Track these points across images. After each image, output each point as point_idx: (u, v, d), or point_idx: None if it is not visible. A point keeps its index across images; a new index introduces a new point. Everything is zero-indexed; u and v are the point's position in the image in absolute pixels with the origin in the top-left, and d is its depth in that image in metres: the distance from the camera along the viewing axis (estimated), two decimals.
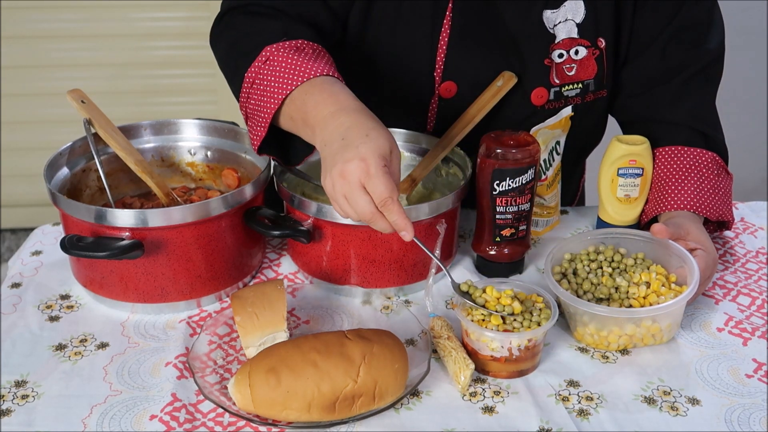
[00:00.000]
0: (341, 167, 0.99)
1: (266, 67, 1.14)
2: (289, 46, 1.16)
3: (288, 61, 1.13)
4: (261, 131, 1.15)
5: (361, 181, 0.99)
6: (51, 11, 2.91)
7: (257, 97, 1.15)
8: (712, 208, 1.27)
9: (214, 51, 1.28)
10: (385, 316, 1.17)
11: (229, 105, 2.98)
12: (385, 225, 1.01)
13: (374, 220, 1.01)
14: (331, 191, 1.02)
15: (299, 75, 1.11)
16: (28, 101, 3.02)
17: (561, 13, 1.29)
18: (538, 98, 1.32)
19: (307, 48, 1.16)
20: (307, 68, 1.11)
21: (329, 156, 1.03)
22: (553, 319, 1.05)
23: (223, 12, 1.28)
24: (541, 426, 0.99)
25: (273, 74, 1.13)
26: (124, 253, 1.09)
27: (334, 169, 1.00)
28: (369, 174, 0.98)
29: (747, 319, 1.18)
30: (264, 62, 1.15)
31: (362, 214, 1.00)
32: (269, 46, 1.16)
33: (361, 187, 0.99)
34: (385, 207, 0.99)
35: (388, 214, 1.00)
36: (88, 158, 1.29)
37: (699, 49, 1.34)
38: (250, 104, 1.17)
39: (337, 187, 1.00)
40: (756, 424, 1.00)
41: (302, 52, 1.15)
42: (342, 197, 1.01)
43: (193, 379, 1.03)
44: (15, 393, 1.04)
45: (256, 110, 1.16)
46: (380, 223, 1.01)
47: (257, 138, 1.16)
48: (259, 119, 1.15)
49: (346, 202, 1.01)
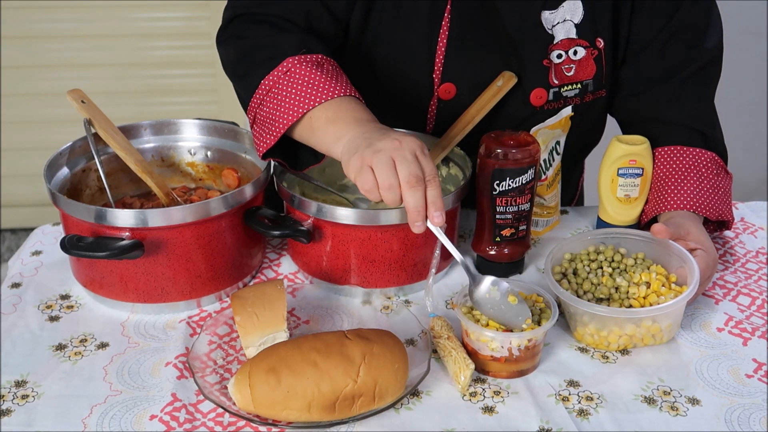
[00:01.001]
0: (398, 136, 1.03)
1: (286, 78, 1.15)
2: (310, 60, 1.16)
3: (311, 76, 1.14)
4: (270, 140, 1.15)
5: (416, 151, 1.02)
6: (51, 11, 2.91)
7: (272, 106, 1.15)
8: (712, 208, 1.27)
9: (221, 54, 1.27)
10: (385, 316, 1.17)
11: (229, 105, 3.00)
12: (420, 199, 1.01)
13: (416, 186, 1.00)
14: (372, 156, 1.01)
15: (323, 92, 1.12)
16: (28, 101, 3.02)
17: (559, 13, 1.29)
18: (537, 99, 1.32)
19: (326, 64, 1.17)
20: (331, 86, 1.13)
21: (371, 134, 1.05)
22: (553, 319, 1.05)
23: (229, 18, 1.27)
24: (541, 426, 0.99)
25: (294, 87, 1.14)
26: (124, 253, 1.09)
27: (385, 138, 1.03)
28: (423, 151, 1.04)
29: (747, 319, 1.18)
30: (284, 73, 1.15)
31: (410, 175, 1.00)
32: (291, 57, 1.16)
33: (414, 155, 1.02)
34: (432, 181, 1.02)
35: (431, 188, 1.02)
36: (88, 158, 1.29)
37: (697, 48, 1.34)
38: (262, 111, 1.17)
39: (387, 150, 1.01)
40: (756, 424, 1.00)
41: (323, 68, 1.16)
42: (388, 161, 1.01)
43: (193, 379, 1.03)
44: (15, 393, 1.04)
45: (269, 118, 1.16)
46: (417, 194, 1.01)
47: (264, 145, 1.17)
48: (271, 127, 1.15)
49: (390, 167, 1.00)
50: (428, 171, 1.02)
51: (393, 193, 1.01)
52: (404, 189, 1.01)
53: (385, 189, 1.01)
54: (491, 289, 1.08)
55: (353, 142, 1.06)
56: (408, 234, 1.18)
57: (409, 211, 1.02)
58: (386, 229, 1.17)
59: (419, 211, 1.01)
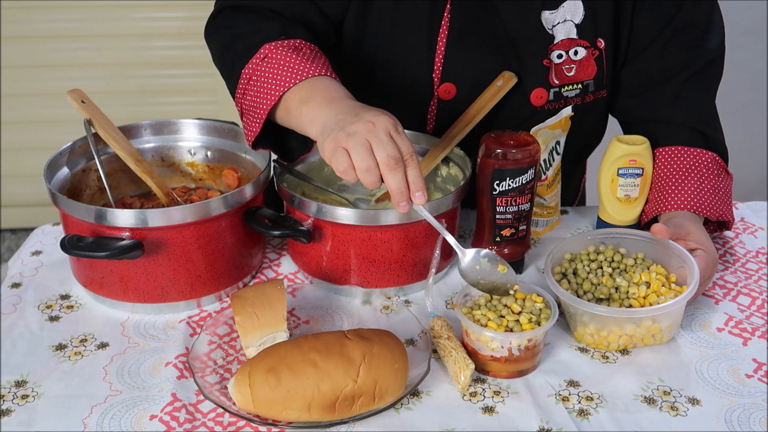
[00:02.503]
0: (371, 117, 1.01)
1: (264, 65, 1.15)
2: (287, 45, 1.16)
3: (286, 59, 1.14)
4: (256, 127, 1.16)
5: (390, 131, 1.01)
6: (51, 11, 2.91)
7: (253, 94, 1.16)
8: (712, 208, 1.27)
9: (210, 48, 1.29)
10: (385, 316, 1.17)
11: (229, 105, 2.98)
12: (401, 180, 1.01)
13: (396, 168, 1.00)
14: (347, 139, 1.00)
15: (297, 73, 1.12)
16: (28, 101, 3.02)
17: (560, 13, 1.29)
18: (537, 99, 1.32)
19: (305, 48, 1.17)
20: (305, 67, 1.12)
21: (344, 116, 1.03)
22: (553, 319, 1.05)
23: (217, 10, 1.28)
24: (541, 426, 0.99)
25: (270, 72, 1.14)
26: (124, 253, 1.09)
27: (358, 121, 1.01)
28: (397, 129, 1.02)
29: (747, 319, 1.18)
30: (262, 60, 1.15)
31: (389, 157, 0.99)
32: (267, 43, 1.16)
33: (389, 135, 1.01)
34: (410, 160, 1.01)
35: (410, 169, 1.01)
36: (88, 158, 1.29)
37: (699, 49, 1.34)
38: (246, 100, 1.18)
39: (362, 133, 1.00)
40: (756, 424, 1.00)
41: (300, 52, 1.15)
42: (363, 143, 1.00)
43: (193, 379, 1.03)
44: (15, 393, 1.04)
45: (252, 106, 1.16)
46: (398, 175, 1.00)
47: (252, 133, 1.17)
48: (254, 115, 1.16)
49: (366, 150, 1.00)
50: (405, 150, 1.01)
51: (372, 174, 1.00)
52: (384, 172, 1.00)
53: (363, 171, 1.00)
54: (482, 261, 1.09)
55: (327, 124, 1.05)
56: (408, 234, 1.18)
57: (392, 192, 1.02)
58: (386, 229, 1.17)
59: (402, 192, 1.01)
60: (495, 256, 1.10)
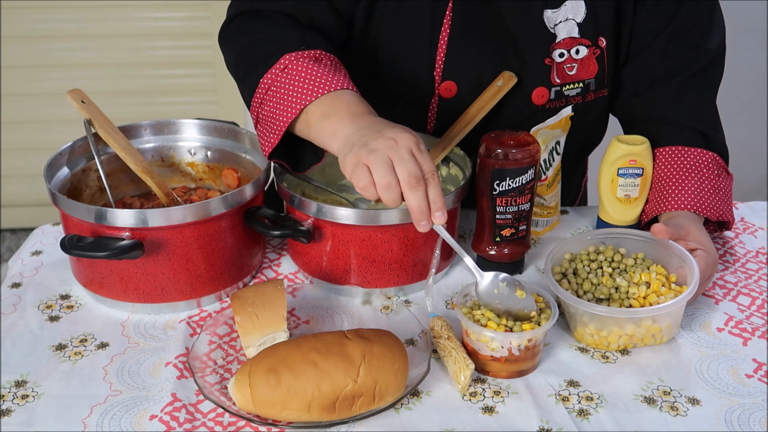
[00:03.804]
0: (393, 134, 1.01)
1: (284, 75, 1.14)
2: (308, 55, 1.15)
3: (308, 71, 1.13)
4: (274, 138, 1.15)
5: (412, 149, 1.01)
6: (51, 11, 2.91)
7: (272, 104, 1.15)
8: (713, 208, 1.27)
9: (223, 52, 1.27)
10: (385, 316, 1.17)
11: (229, 105, 3.01)
12: (422, 199, 1.00)
13: (417, 187, 1.00)
14: (368, 155, 1.00)
15: (319, 87, 1.11)
16: (28, 101, 3.02)
17: (562, 12, 1.29)
18: (538, 98, 1.32)
19: (325, 59, 1.16)
20: (327, 80, 1.12)
21: (366, 132, 1.03)
22: (553, 319, 1.05)
23: (232, 15, 1.27)
24: (541, 426, 0.99)
25: (291, 84, 1.13)
26: (124, 253, 1.09)
27: (380, 137, 1.01)
28: (419, 147, 1.02)
29: (747, 319, 1.18)
30: (282, 70, 1.15)
31: (410, 176, 0.99)
32: (288, 54, 1.15)
33: (411, 153, 1.01)
34: (432, 179, 1.01)
35: (432, 188, 1.01)
36: (88, 158, 1.29)
37: (699, 48, 1.33)
38: (263, 110, 1.17)
39: (383, 150, 1.00)
40: (756, 424, 1.00)
41: (321, 63, 1.15)
42: (385, 160, 0.99)
43: (193, 379, 1.03)
44: (15, 393, 1.04)
45: (270, 117, 1.15)
46: (419, 194, 1.00)
47: (269, 145, 1.16)
48: (273, 126, 1.15)
49: (388, 167, 0.99)
50: (426, 168, 1.01)
51: (392, 192, 1.00)
52: (405, 190, 1.00)
53: (384, 189, 1.00)
54: (500, 285, 1.08)
55: (349, 140, 1.05)
56: (408, 234, 1.18)
57: (412, 211, 1.01)
58: (386, 229, 1.17)
59: (423, 212, 1.01)
60: (513, 281, 1.08)
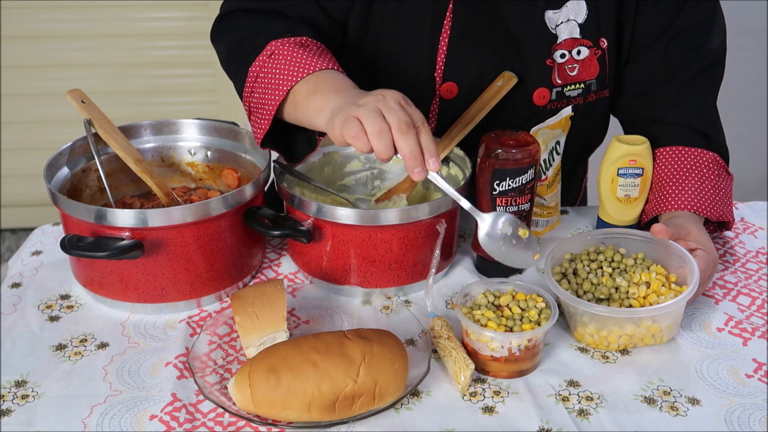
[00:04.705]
0: (380, 91, 1.02)
1: (271, 61, 1.15)
2: (293, 41, 1.17)
3: (293, 54, 1.14)
4: (265, 124, 1.15)
5: (400, 101, 1.01)
6: (51, 11, 2.91)
7: (261, 91, 1.16)
8: (713, 209, 1.27)
9: (216, 50, 1.29)
10: (385, 316, 1.17)
11: (229, 105, 3.00)
12: (414, 144, 0.99)
13: (408, 132, 0.99)
14: (357, 109, 1.00)
15: (304, 67, 1.12)
16: (28, 101, 3.02)
17: (563, 13, 1.29)
18: (540, 98, 1.32)
19: (311, 44, 1.18)
20: (312, 61, 1.13)
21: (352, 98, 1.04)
22: (553, 319, 1.05)
23: (222, 13, 1.29)
24: (541, 426, 0.99)
25: (278, 67, 1.14)
26: (124, 253, 1.09)
27: (367, 95, 1.02)
28: (407, 101, 1.03)
29: (747, 319, 1.18)
30: (269, 56, 1.16)
31: (400, 122, 0.99)
32: (274, 41, 1.17)
33: (399, 104, 1.01)
34: (422, 126, 1.01)
35: (423, 134, 1.00)
36: (88, 158, 1.29)
37: (700, 49, 1.33)
38: (253, 98, 1.18)
39: (372, 102, 1.00)
40: (756, 424, 1.00)
41: (306, 48, 1.16)
42: (375, 109, 0.99)
43: (193, 379, 1.03)
44: (15, 393, 1.04)
45: (260, 103, 1.16)
46: (410, 139, 0.99)
47: (260, 131, 1.17)
48: (263, 112, 1.16)
49: (378, 114, 0.99)
50: (416, 117, 1.01)
51: (385, 138, 0.99)
52: (396, 136, 0.99)
53: (376, 135, 0.99)
54: (503, 225, 1.08)
55: (335, 108, 1.05)
56: (408, 234, 1.18)
57: (405, 157, 1.00)
58: (386, 229, 1.17)
59: (416, 156, 1.00)
60: (515, 220, 1.08)
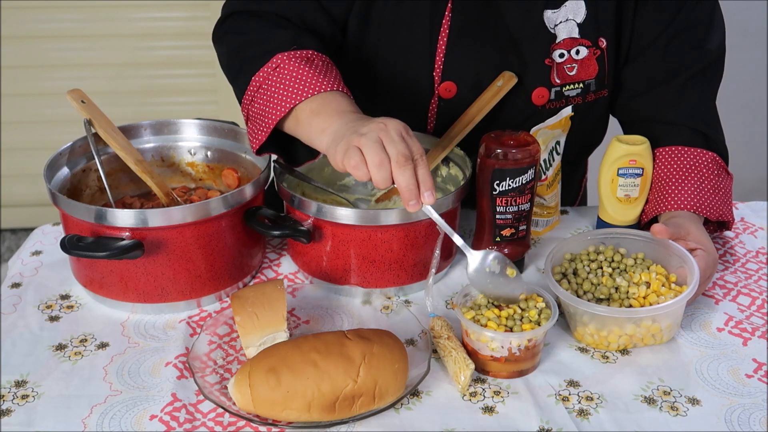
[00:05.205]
0: (382, 120, 1.04)
1: (275, 74, 1.15)
2: (300, 56, 1.16)
3: (299, 71, 1.14)
4: (262, 135, 1.16)
5: (401, 132, 1.03)
6: (51, 11, 2.91)
7: (262, 102, 1.16)
8: (713, 209, 1.27)
9: (217, 51, 1.28)
10: (385, 316, 1.17)
11: (229, 105, 3.00)
12: (411, 178, 1.01)
13: (406, 165, 1.01)
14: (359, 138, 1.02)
15: (310, 87, 1.12)
16: (28, 101, 3.02)
17: (562, 12, 1.29)
18: (539, 98, 1.32)
19: (317, 60, 1.17)
20: (318, 81, 1.13)
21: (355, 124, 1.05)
22: (553, 319, 1.05)
23: (225, 15, 1.28)
24: (541, 426, 0.99)
25: (282, 82, 1.14)
26: (124, 253, 1.09)
27: (370, 123, 1.04)
28: (408, 132, 1.04)
29: (747, 319, 1.18)
30: (273, 69, 1.16)
31: (399, 154, 1.00)
32: (280, 53, 1.16)
33: (400, 135, 1.02)
34: (420, 160, 1.03)
35: (420, 168, 1.02)
36: (88, 158, 1.29)
37: (700, 49, 1.33)
38: (253, 107, 1.18)
39: (374, 131, 1.02)
40: (756, 424, 1.00)
41: (312, 64, 1.16)
42: (376, 140, 1.01)
43: (193, 379, 1.03)
44: (15, 393, 1.04)
45: (260, 114, 1.16)
46: (408, 173, 1.01)
47: (257, 141, 1.17)
48: (261, 124, 1.16)
49: (379, 146, 1.01)
50: (416, 150, 1.03)
51: (384, 169, 1.01)
52: (394, 169, 1.01)
53: (375, 166, 1.01)
54: (491, 263, 1.08)
55: (338, 133, 1.06)
56: (408, 234, 1.18)
57: (402, 190, 1.02)
58: (386, 229, 1.17)
59: (412, 190, 1.02)
60: (504, 259, 1.09)
